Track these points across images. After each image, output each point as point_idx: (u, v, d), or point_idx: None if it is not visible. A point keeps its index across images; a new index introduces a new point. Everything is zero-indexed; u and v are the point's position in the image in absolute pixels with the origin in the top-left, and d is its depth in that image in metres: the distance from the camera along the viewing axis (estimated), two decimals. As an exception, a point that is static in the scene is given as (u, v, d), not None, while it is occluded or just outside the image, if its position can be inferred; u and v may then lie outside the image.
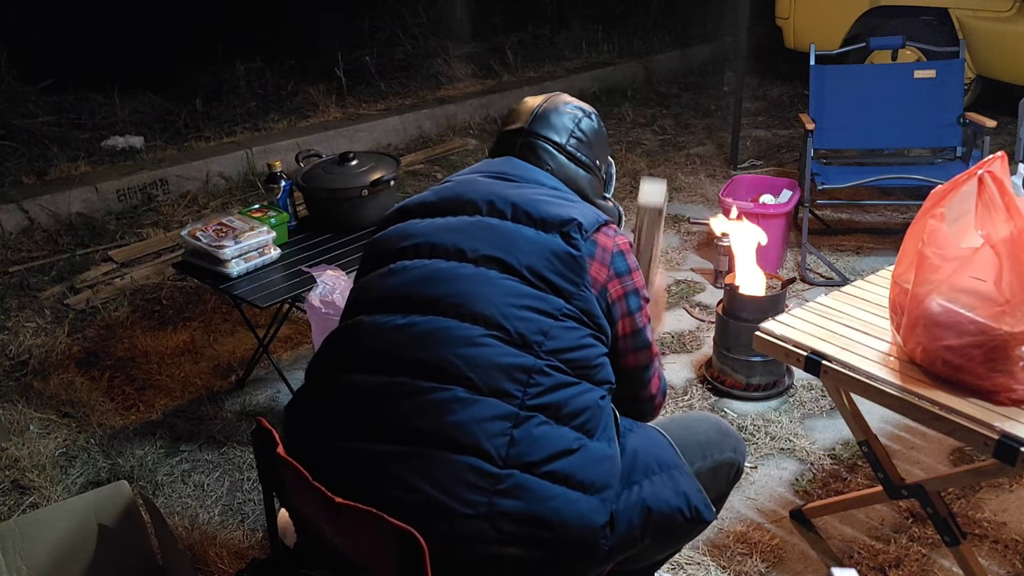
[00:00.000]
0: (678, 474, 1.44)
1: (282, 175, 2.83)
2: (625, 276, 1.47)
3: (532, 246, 1.39)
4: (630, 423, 1.52)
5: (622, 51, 6.86)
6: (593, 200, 1.63)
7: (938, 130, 3.77)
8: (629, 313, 1.48)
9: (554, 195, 1.49)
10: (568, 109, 1.65)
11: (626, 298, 1.47)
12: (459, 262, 1.39)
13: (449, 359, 1.30)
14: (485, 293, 1.35)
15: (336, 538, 1.32)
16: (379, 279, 1.45)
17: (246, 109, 5.48)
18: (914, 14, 5.11)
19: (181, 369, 3.03)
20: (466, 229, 1.43)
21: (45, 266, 3.78)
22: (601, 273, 1.43)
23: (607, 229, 1.49)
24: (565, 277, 1.38)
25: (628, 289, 1.47)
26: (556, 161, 1.60)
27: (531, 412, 1.28)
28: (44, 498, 2.40)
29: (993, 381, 1.51)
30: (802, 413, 2.67)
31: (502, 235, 1.41)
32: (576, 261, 1.39)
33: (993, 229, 1.48)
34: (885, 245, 3.82)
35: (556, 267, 1.38)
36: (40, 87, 5.21)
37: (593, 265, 1.42)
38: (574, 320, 1.37)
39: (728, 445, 1.61)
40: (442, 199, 1.51)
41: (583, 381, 1.36)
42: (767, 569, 2.07)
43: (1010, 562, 2.05)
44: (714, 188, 4.43)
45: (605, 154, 1.71)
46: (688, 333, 3.17)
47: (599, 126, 1.69)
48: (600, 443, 1.34)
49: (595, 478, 1.30)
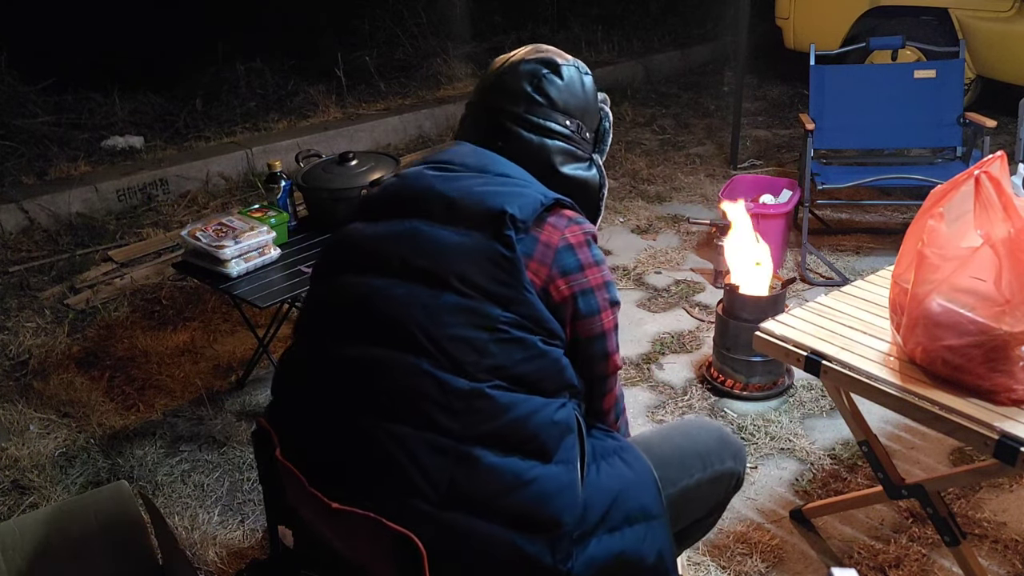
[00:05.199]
0: (659, 526, 1.33)
1: (282, 175, 2.83)
2: (574, 274, 1.29)
3: (462, 251, 1.24)
4: (618, 445, 1.38)
5: (622, 51, 6.86)
6: (562, 171, 1.42)
7: (938, 130, 3.77)
8: (580, 316, 1.30)
9: (498, 183, 1.31)
10: (526, 69, 1.42)
11: (575, 300, 1.29)
12: (392, 278, 1.27)
13: (388, 392, 1.22)
14: (415, 316, 1.23)
15: (335, 541, 1.32)
16: (322, 296, 1.38)
17: (246, 109, 5.48)
18: (914, 14, 5.11)
19: (181, 369, 3.03)
20: (399, 238, 1.30)
21: (45, 266, 3.78)
22: (540, 273, 1.26)
23: (556, 218, 1.30)
24: (500, 281, 1.23)
25: (578, 289, 1.29)
26: (510, 136, 1.40)
27: (471, 445, 1.18)
28: (44, 498, 2.40)
29: (993, 381, 1.51)
30: (802, 413, 2.67)
31: (432, 242, 1.27)
32: (509, 263, 1.23)
33: (992, 229, 1.48)
34: (885, 245, 3.82)
35: (489, 271, 1.23)
36: (40, 87, 5.21)
37: (531, 265, 1.25)
38: (517, 328, 1.22)
39: (729, 454, 1.55)
40: (385, 200, 1.38)
41: (534, 396, 1.23)
42: (767, 569, 2.07)
43: (1010, 562, 2.05)
44: (714, 188, 4.43)
45: (587, 108, 1.47)
46: (688, 333, 3.17)
47: (570, 78, 1.44)
48: (557, 467, 1.22)
49: (548, 514, 1.19)
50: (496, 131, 1.41)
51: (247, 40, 5.90)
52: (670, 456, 1.50)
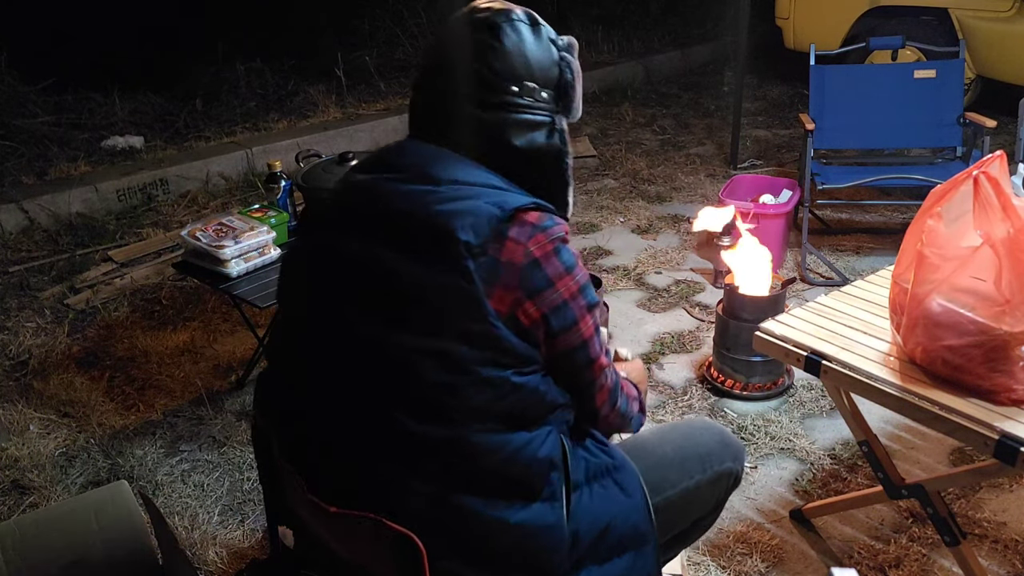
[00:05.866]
0: (648, 553, 1.31)
1: (282, 175, 2.83)
2: (543, 292, 1.17)
3: (415, 284, 1.14)
4: (612, 463, 1.32)
5: (622, 51, 6.86)
6: (516, 145, 1.26)
7: (938, 130, 3.77)
8: (555, 334, 1.19)
9: (449, 195, 1.17)
10: (465, 38, 1.25)
11: (546, 320, 1.18)
12: (358, 317, 1.19)
13: (368, 436, 1.19)
14: (383, 362, 1.16)
15: (332, 543, 1.32)
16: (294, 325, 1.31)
17: (246, 109, 5.48)
18: (914, 14, 5.11)
19: (181, 369, 3.03)
20: (353, 274, 1.21)
21: (45, 266, 3.78)
22: (505, 300, 1.15)
23: (517, 229, 1.16)
24: (462, 314, 1.12)
25: (549, 308, 1.18)
26: (459, 121, 1.25)
27: (454, 491, 1.15)
28: (44, 498, 2.40)
29: (993, 381, 1.51)
30: (802, 413, 2.67)
31: (385, 276, 1.17)
32: (469, 297, 1.12)
33: (991, 229, 1.48)
34: (885, 245, 3.82)
35: (447, 304, 1.13)
36: (40, 87, 5.21)
37: (494, 292, 1.14)
38: (488, 365, 1.13)
39: (729, 455, 1.55)
40: (338, 221, 1.27)
41: (517, 432, 1.16)
42: (767, 569, 2.07)
43: (1010, 562, 2.05)
44: (714, 188, 4.43)
45: (540, 64, 1.26)
46: (688, 333, 3.17)
47: (517, 37, 1.24)
48: (542, 506, 1.19)
49: (535, 558, 1.17)
50: (442, 117, 1.27)
51: (247, 40, 5.90)
52: (671, 458, 1.50)
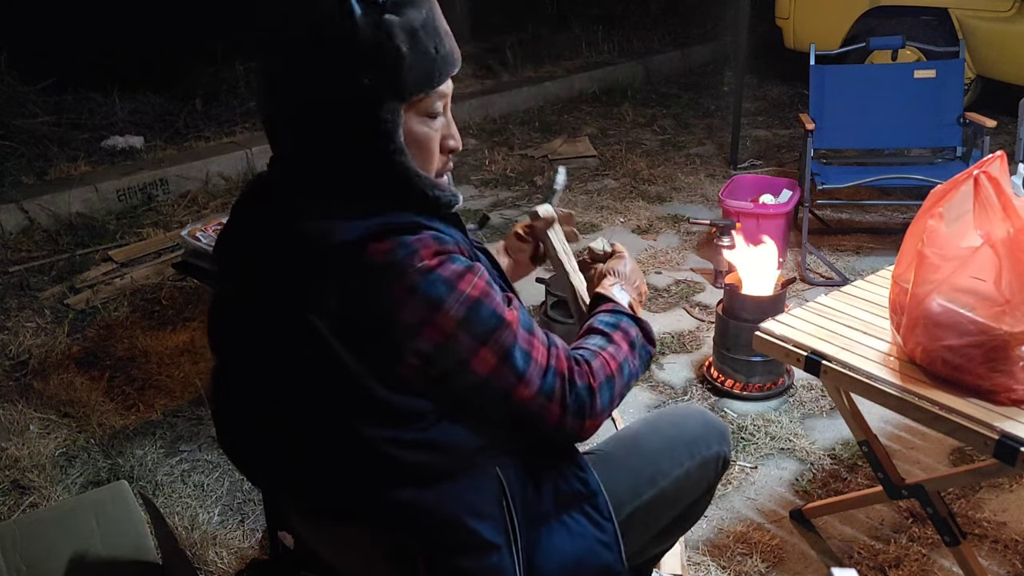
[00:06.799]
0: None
1: (282, 175, 2.82)
2: (410, 342, 1.01)
3: (290, 359, 1.07)
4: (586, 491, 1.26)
5: (622, 51, 6.87)
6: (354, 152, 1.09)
7: (938, 130, 3.77)
8: (441, 380, 1.04)
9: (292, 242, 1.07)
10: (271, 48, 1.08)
11: (423, 373, 1.02)
12: (254, 392, 1.16)
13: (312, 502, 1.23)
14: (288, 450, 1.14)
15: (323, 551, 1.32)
16: (218, 392, 1.27)
17: (246, 109, 5.48)
18: (914, 14, 5.12)
19: (181, 369, 3.02)
20: (245, 335, 1.15)
21: (45, 266, 3.78)
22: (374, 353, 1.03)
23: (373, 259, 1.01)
24: (332, 385, 1.04)
25: (420, 361, 1.01)
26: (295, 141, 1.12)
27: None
28: (44, 498, 2.40)
29: (993, 381, 1.51)
30: (802, 413, 2.67)
31: (262, 340, 1.10)
32: (332, 360, 1.01)
33: (991, 229, 1.48)
34: (885, 245, 3.82)
35: (320, 375, 1.04)
36: (40, 87, 5.21)
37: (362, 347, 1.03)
38: (373, 429, 1.04)
39: (714, 438, 1.54)
40: (232, 278, 1.20)
41: (441, 484, 1.09)
42: (767, 569, 2.07)
43: (1010, 562, 2.05)
44: (714, 188, 4.43)
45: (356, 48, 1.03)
46: (688, 333, 3.17)
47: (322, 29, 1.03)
48: (492, 555, 1.14)
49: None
50: (279, 142, 1.16)
51: (247, 40, 5.89)
52: (661, 448, 1.50)
